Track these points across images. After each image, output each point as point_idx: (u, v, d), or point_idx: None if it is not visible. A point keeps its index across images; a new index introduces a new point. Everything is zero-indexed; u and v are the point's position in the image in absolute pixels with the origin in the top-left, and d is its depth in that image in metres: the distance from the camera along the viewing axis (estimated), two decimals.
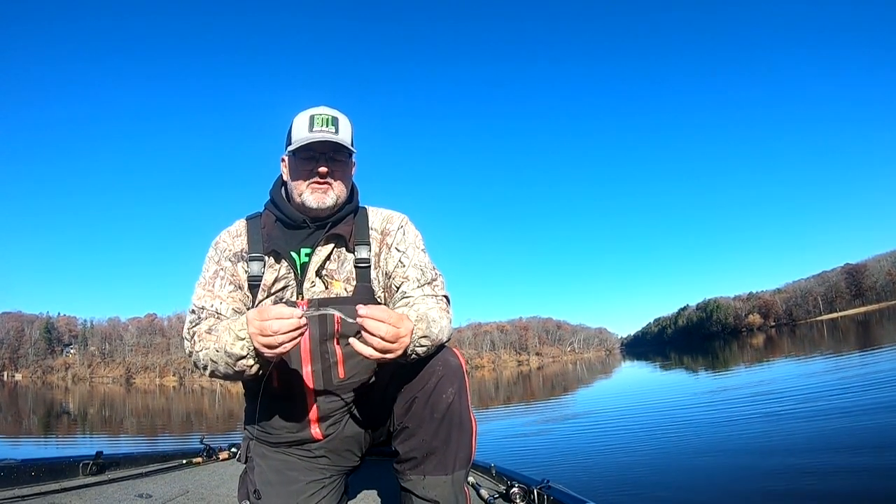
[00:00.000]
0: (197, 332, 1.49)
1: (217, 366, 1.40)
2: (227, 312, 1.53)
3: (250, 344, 1.31)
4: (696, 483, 4.41)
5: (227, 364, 1.37)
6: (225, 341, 1.35)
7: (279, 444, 1.61)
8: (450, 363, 1.49)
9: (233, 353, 1.34)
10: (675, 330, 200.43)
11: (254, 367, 1.36)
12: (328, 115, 1.57)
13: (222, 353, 1.36)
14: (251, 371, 1.37)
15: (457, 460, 1.47)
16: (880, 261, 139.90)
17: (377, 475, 2.45)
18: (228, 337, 1.35)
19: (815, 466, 4.22)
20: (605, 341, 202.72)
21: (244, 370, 1.37)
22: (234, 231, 1.66)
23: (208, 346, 1.42)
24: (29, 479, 2.39)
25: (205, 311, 1.54)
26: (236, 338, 1.33)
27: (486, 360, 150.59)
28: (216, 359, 1.39)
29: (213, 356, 1.40)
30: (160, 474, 2.81)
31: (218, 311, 1.53)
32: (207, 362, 1.42)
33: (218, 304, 1.54)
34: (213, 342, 1.41)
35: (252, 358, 1.34)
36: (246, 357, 1.34)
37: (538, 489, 2.07)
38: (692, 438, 6.34)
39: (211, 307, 1.54)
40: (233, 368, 1.37)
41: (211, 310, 1.53)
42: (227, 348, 1.34)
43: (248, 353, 1.33)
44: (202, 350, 1.44)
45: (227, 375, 1.42)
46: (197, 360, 1.48)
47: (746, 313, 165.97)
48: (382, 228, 1.67)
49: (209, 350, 1.41)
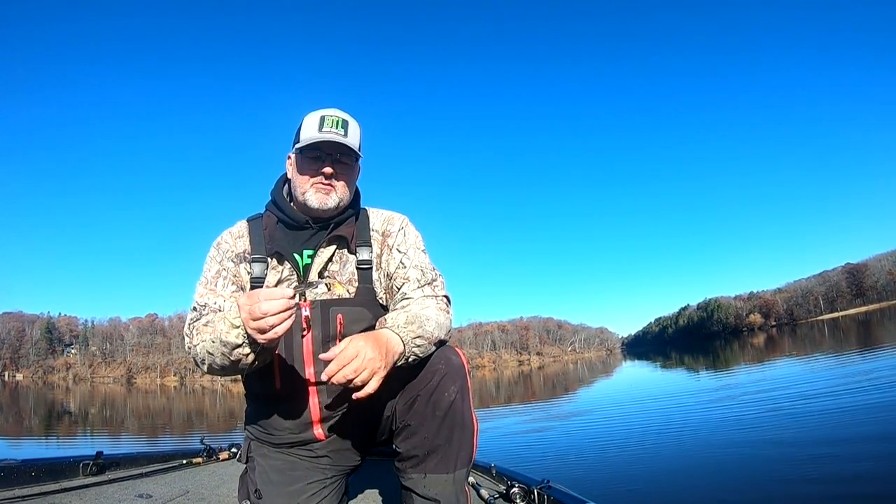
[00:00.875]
0: (196, 326, 1.49)
1: (214, 357, 1.39)
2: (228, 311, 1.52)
3: (245, 331, 1.30)
4: (696, 483, 4.41)
5: (223, 354, 1.36)
6: (220, 330, 1.35)
7: (281, 444, 1.61)
8: (452, 362, 1.49)
9: (228, 342, 1.33)
10: (676, 329, 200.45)
11: (250, 356, 1.35)
12: (339, 118, 1.57)
13: (218, 342, 1.35)
14: (247, 360, 1.36)
15: (458, 459, 1.47)
16: (881, 260, 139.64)
17: (378, 475, 2.45)
18: (223, 326, 1.34)
19: (816, 466, 4.21)
20: (606, 341, 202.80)
21: (240, 359, 1.36)
22: (236, 232, 1.65)
23: (205, 339, 1.41)
24: (29, 480, 2.38)
25: (207, 308, 1.53)
26: (231, 326, 1.32)
27: (486, 359, 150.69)
28: (212, 350, 1.38)
29: (209, 347, 1.39)
30: (160, 474, 2.80)
31: (220, 308, 1.52)
32: (205, 355, 1.41)
33: (221, 301, 1.54)
34: (209, 333, 1.40)
35: (247, 346, 1.33)
36: (242, 346, 1.33)
37: (538, 489, 2.06)
38: (693, 438, 6.34)
39: (214, 304, 1.53)
40: (228, 358, 1.36)
41: (213, 307, 1.53)
42: (222, 337, 1.34)
43: (243, 341, 1.32)
44: (199, 343, 1.43)
45: (224, 367, 1.41)
46: (195, 355, 1.47)
47: (747, 313, 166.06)
48: (383, 230, 1.67)
49: (206, 342, 1.40)
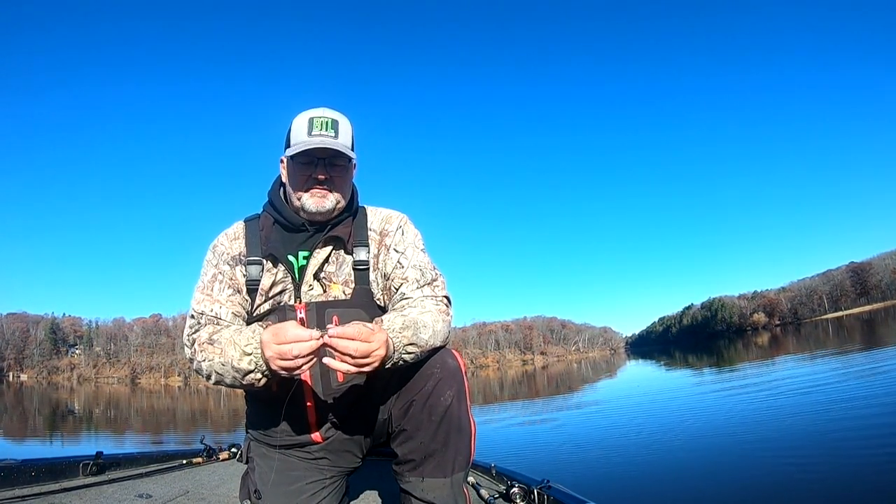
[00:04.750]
0: (198, 339, 1.48)
1: (223, 377, 1.41)
2: (226, 317, 1.52)
3: (258, 359, 1.33)
4: (697, 483, 4.40)
5: (234, 378, 1.39)
6: (231, 356, 1.36)
7: (279, 446, 1.61)
8: (448, 365, 1.48)
9: (240, 369, 1.35)
10: (680, 329, 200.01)
11: (262, 381, 1.37)
12: (327, 119, 1.53)
13: (229, 367, 1.37)
14: (259, 384, 1.38)
15: (455, 463, 1.47)
16: (885, 259, 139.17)
17: (378, 475, 2.45)
18: (234, 352, 1.35)
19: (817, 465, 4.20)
20: (610, 340, 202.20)
21: (252, 383, 1.38)
22: (231, 234, 1.64)
23: (212, 359, 1.42)
24: (29, 479, 2.39)
25: (204, 316, 1.53)
26: (243, 353, 1.34)
27: (490, 359, 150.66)
28: (222, 372, 1.40)
29: (218, 369, 1.41)
30: (160, 474, 2.81)
31: (217, 315, 1.52)
32: (212, 373, 1.43)
33: (217, 308, 1.53)
34: (218, 356, 1.40)
35: (260, 372, 1.35)
36: (254, 371, 1.35)
37: (538, 489, 2.06)
38: (694, 438, 6.32)
39: (210, 311, 1.53)
40: (240, 382, 1.38)
41: (210, 314, 1.53)
42: (233, 363, 1.35)
43: (255, 367, 1.34)
44: (205, 361, 1.43)
45: (232, 385, 1.43)
46: (199, 370, 1.47)
47: (751, 312, 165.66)
48: (381, 229, 1.65)
49: (213, 363, 1.41)
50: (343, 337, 1.24)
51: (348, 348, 1.24)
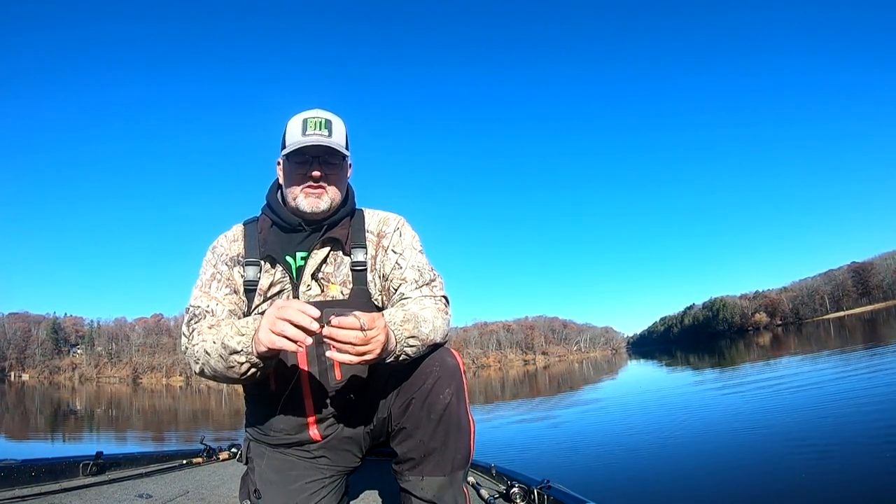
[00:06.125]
0: (198, 328, 1.50)
1: (209, 358, 1.40)
2: (222, 314, 1.53)
3: (248, 342, 1.33)
4: (697, 482, 4.39)
5: (219, 357, 1.37)
6: (225, 333, 1.38)
7: (278, 445, 1.61)
8: (447, 364, 1.48)
9: (228, 346, 1.35)
10: (682, 329, 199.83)
11: (244, 366, 1.36)
12: (321, 119, 1.57)
13: (219, 344, 1.38)
14: (239, 369, 1.37)
15: (455, 461, 1.47)
16: (887, 259, 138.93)
17: (378, 475, 2.45)
18: (230, 330, 1.38)
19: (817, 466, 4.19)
20: (612, 340, 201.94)
21: (234, 366, 1.37)
22: (231, 236, 1.67)
23: (206, 339, 1.43)
24: (29, 480, 2.39)
25: (199, 310, 1.54)
26: (237, 332, 1.36)
27: (492, 359, 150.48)
28: (210, 350, 1.40)
29: (208, 347, 1.41)
30: (160, 474, 2.81)
31: (213, 311, 1.54)
32: (201, 354, 1.43)
33: (214, 304, 1.55)
34: (213, 335, 1.42)
35: (244, 355, 1.34)
36: (239, 352, 1.34)
37: (538, 489, 2.06)
38: (695, 438, 6.32)
39: (206, 307, 1.54)
40: (223, 362, 1.37)
41: (206, 309, 1.54)
42: (224, 340, 1.36)
43: (242, 348, 1.34)
44: (199, 343, 1.45)
45: (215, 371, 1.42)
46: (191, 354, 1.48)
47: (753, 312, 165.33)
48: (378, 231, 1.67)
49: (206, 343, 1.42)
50: (343, 326, 1.24)
51: (348, 336, 1.24)
